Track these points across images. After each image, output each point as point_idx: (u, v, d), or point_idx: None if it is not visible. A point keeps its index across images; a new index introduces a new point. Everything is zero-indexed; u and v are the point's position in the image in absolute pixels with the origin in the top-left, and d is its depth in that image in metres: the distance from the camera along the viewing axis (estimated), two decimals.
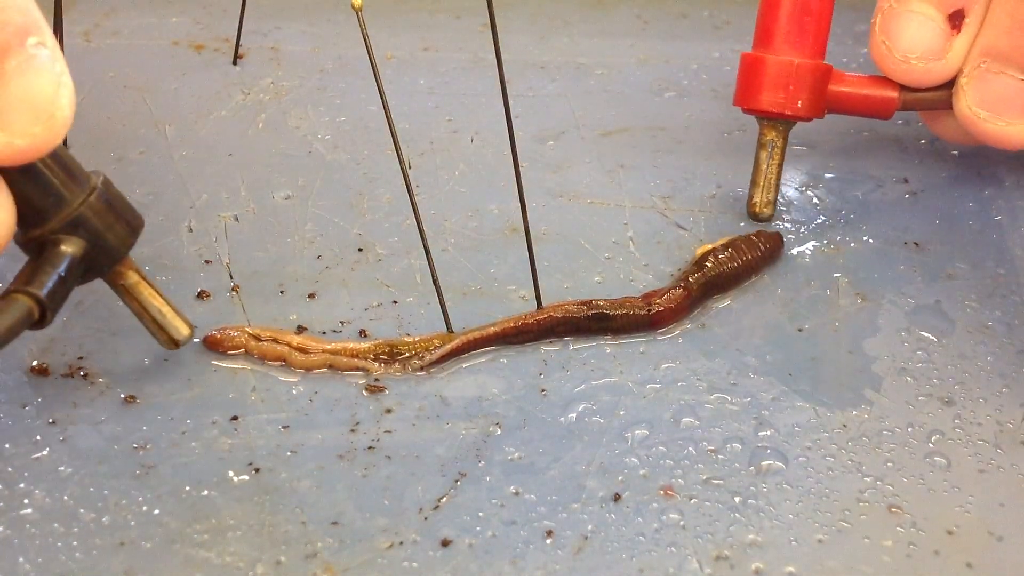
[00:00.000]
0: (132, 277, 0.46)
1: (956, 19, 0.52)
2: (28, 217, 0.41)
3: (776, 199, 0.56)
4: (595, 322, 0.50)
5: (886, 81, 0.55)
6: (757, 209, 0.56)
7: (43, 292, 0.41)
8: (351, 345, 0.49)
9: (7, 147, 0.38)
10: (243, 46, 0.69)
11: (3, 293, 0.41)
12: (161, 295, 0.47)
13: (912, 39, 0.53)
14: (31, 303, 0.41)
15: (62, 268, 0.42)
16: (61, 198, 0.42)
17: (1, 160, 0.39)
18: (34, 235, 0.42)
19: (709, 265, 0.52)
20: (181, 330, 0.47)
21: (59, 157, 0.42)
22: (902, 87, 0.55)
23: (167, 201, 0.57)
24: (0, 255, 0.41)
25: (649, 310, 0.50)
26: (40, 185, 0.41)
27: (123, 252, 0.44)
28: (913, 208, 0.59)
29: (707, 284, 0.52)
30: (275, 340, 0.48)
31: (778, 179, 0.56)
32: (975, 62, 0.53)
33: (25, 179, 0.41)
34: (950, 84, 0.54)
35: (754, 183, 0.56)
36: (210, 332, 0.49)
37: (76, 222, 0.42)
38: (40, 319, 0.41)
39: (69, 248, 0.42)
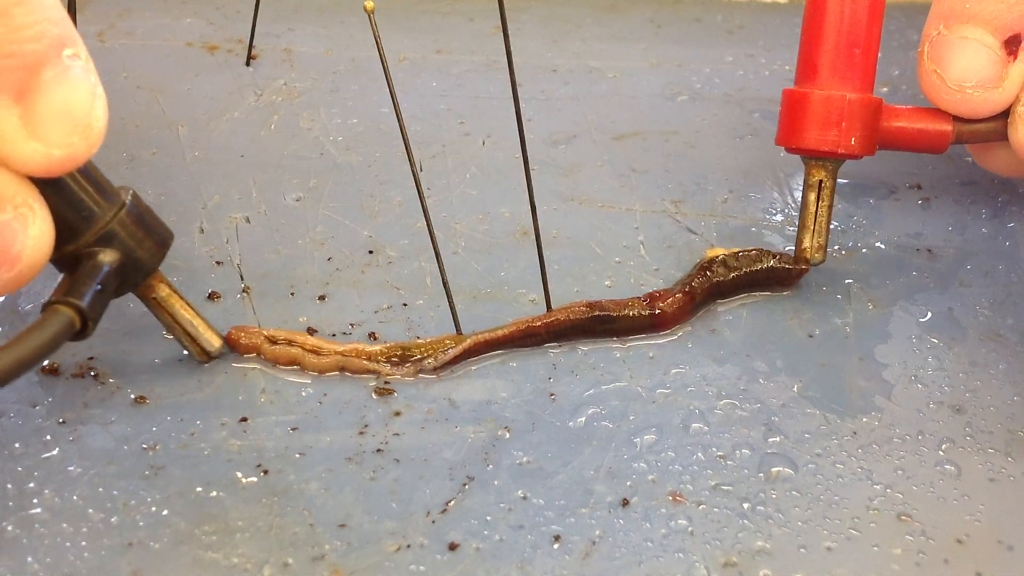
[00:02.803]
0: (163, 290, 0.46)
1: (1013, 44, 0.50)
2: (60, 233, 0.41)
3: (827, 243, 0.53)
4: (598, 323, 0.50)
5: (938, 113, 0.52)
6: (808, 254, 0.53)
7: (84, 302, 0.41)
8: (363, 347, 0.49)
9: (45, 158, 0.39)
10: (256, 47, 0.69)
11: (44, 304, 0.41)
12: (192, 308, 0.47)
13: (966, 67, 0.50)
14: (72, 313, 0.41)
15: (100, 278, 0.42)
16: (92, 214, 0.42)
17: (39, 171, 0.39)
18: (67, 251, 0.42)
19: (715, 271, 0.52)
20: (213, 342, 0.48)
21: (89, 173, 0.42)
22: (955, 119, 0.52)
23: (179, 202, 0.57)
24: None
25: (651, 312, 0.50)
26: (72, 201, 0.42)
27: (154, 266, 0.45)
28: (926, 214, 0.59)
29: (710, 290, 0.52)
30: (290, 342, 0.48)
31: (828, 221, 0.53)
32: None
33: (57, 195, 0.41)
34: (1005, 114, 0.52)
35: (803, 226, 0.53)
36: (229, 332, 0.49)
37: (107, 237, 0.42)
38: (81, 329, 0.41)
39: (106, 258, 0.42)
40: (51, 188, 0.40)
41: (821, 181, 0.52)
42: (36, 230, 0.39)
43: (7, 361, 0.39)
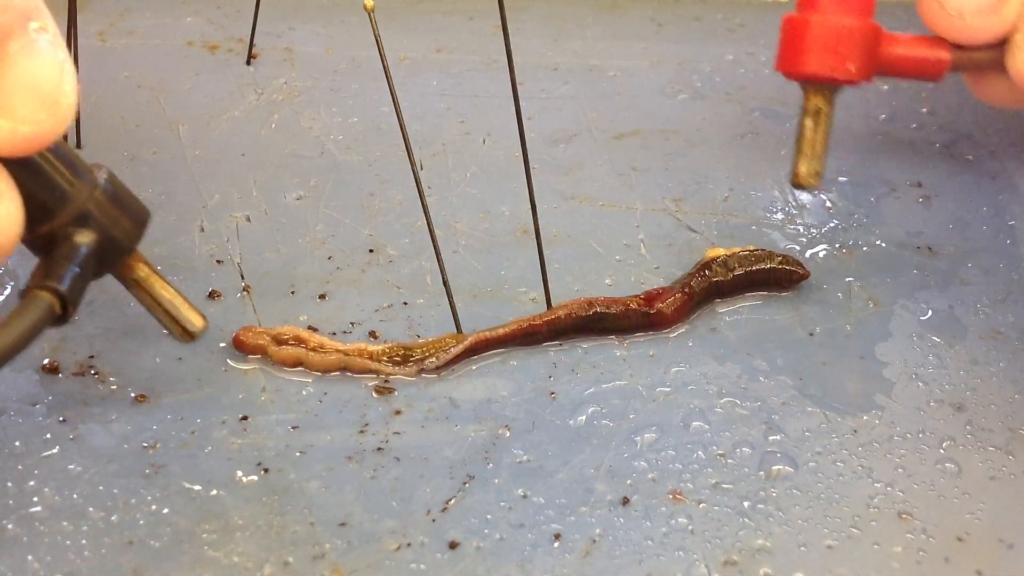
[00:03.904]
0: (143, 270, 0.44)
1: None
2: (33, 214, 0.40)
3: (822, 170, 0.52)
4: (597, 321, 0.50)
5: (936, 41, 0.53)
6: (802, 180, 0.52)
7: (63, 286, 0.40)
8: (366, 347, 0.49)
9: (11, 135, 0.37)
10: (257, 47, 0.69)
11: (22, 291, 0.40)
12: (173, 287, 0.45)
13: None
14: (52, 298, 0.39)
15: (77, 260, 0.41)
16: (66, 194, 0.41)
17: (5, 149, 0.37)
18: (42, 231, 0.41)
19: (715, 270, 0.52)
20: (195, 322, 0.45)
21: (61, 152, 0.41)
22: (953, 47, 0.52)
23: (180, 201, 0.57)
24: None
25: (649, 311, 0.50)
26: (44, 181, 0.40)
27: (131, 245, 0.43)
28: (926, 213, 0.59)
29: (709, 289, 0.52)
30: (296, 340, 0.48)
31: (825, 148, 0.52)
32: None
33: (28, 175, 0.39)
34: (1003, 43, 0.51)
35: (799, 152, 0.52)
36: (237, 332, 0.49)
37: (83, 217, 0.41)
38: (62, 314, 0.40)
39: (82, 239, 0.41)
40: (21, 167, 0.39)
41: (819, 108, 0.52)
42: (3, 210, 0.38)
43: None
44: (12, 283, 0.52)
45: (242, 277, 0.53)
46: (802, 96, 0.53)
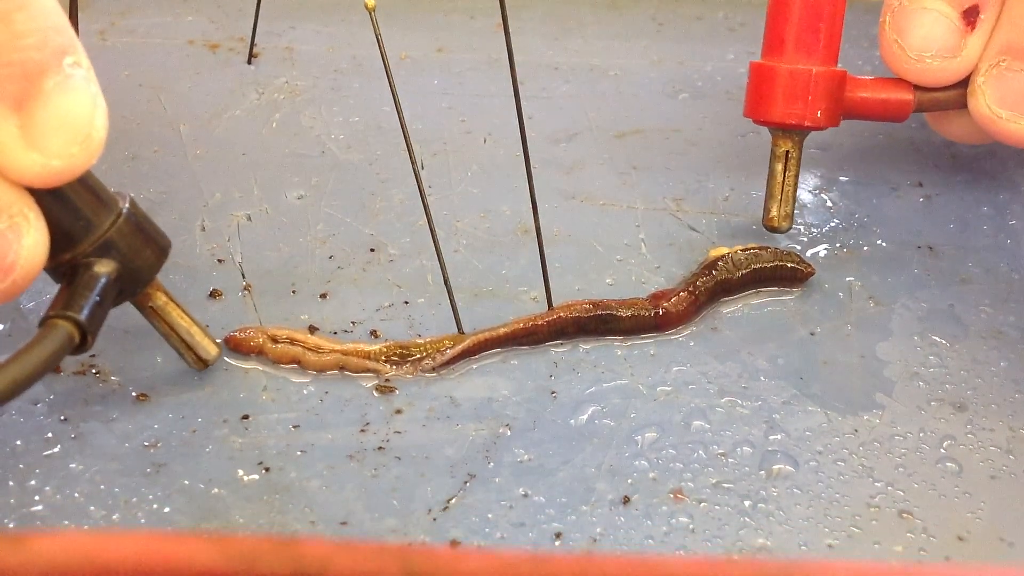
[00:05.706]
0: (160, 298, 0.45)
1: (971, 15, 0.51)
2: (57, 242, 0.40)
3: (793, 212, 0.55)
4: (601, 322, 0.50)
5: (900, 83, 0.54)
6: (775, 223, 0.54)
7: (82, 316, 0.40)
8: (363, 346, 0.49)
9: (43, 169, 0.38)
10: (258, 46, 0.69)
11: (41, 319, 0.40)
12: (189, 315, 0.46)
13: (925, 37, 0.52)
14: (71, 328, 0.40)
15: (98, 290, 0.41)
16: (90, 223, 0.41)
17: (37, 182, 0.38)
18: (64, 260, 0.41)
19: (721, 268, 0.52)
20: (209, 350, 0.47)
21: (87, 180, 0.41)
22: (916, 88, 0.54)
23: (180, 200, 0.57)
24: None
25: (655, 312, 0.50)
26: (69, 209, 0.41)
27: (151, 276, 0.44)
28: (927, 212, 0.59)
29: (715, 289, 0.52)
30: (291, 340, 0.48)
31: (795, 190, 0.54)
32: (993, 60, 0.52)
33: (55, 203, 0.40)
34: (964, 83, 0.53)
35: (770, 195, 0.54)
36: (231, 333, 0.49)
37: (105, 247, 0.42)
38: (81, 344, 0.40)
39: (103, 269, 0.41)
40: (48, 196, 0.40)
41: (788, 152, 0.54)
42: (30, 240, 0.39)
43: (5, 380, 0.38)
44: None
45: (243, 276, 0.53)
46: (771, 141, 0.54)
